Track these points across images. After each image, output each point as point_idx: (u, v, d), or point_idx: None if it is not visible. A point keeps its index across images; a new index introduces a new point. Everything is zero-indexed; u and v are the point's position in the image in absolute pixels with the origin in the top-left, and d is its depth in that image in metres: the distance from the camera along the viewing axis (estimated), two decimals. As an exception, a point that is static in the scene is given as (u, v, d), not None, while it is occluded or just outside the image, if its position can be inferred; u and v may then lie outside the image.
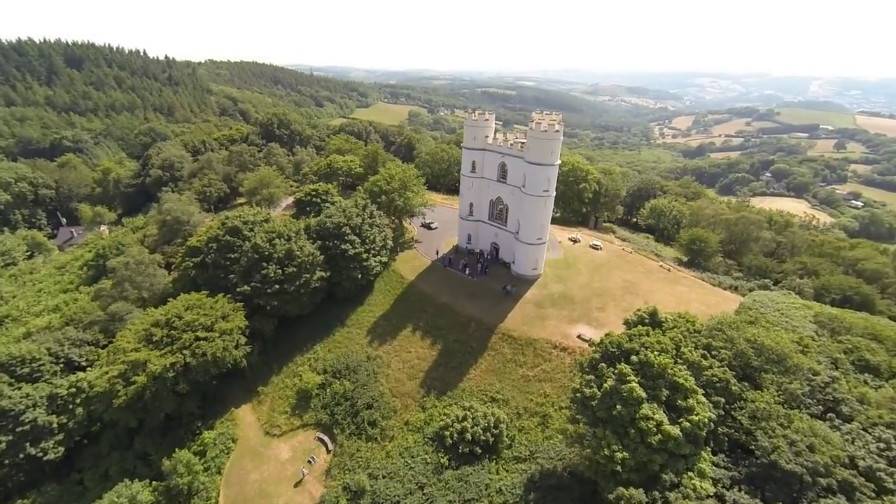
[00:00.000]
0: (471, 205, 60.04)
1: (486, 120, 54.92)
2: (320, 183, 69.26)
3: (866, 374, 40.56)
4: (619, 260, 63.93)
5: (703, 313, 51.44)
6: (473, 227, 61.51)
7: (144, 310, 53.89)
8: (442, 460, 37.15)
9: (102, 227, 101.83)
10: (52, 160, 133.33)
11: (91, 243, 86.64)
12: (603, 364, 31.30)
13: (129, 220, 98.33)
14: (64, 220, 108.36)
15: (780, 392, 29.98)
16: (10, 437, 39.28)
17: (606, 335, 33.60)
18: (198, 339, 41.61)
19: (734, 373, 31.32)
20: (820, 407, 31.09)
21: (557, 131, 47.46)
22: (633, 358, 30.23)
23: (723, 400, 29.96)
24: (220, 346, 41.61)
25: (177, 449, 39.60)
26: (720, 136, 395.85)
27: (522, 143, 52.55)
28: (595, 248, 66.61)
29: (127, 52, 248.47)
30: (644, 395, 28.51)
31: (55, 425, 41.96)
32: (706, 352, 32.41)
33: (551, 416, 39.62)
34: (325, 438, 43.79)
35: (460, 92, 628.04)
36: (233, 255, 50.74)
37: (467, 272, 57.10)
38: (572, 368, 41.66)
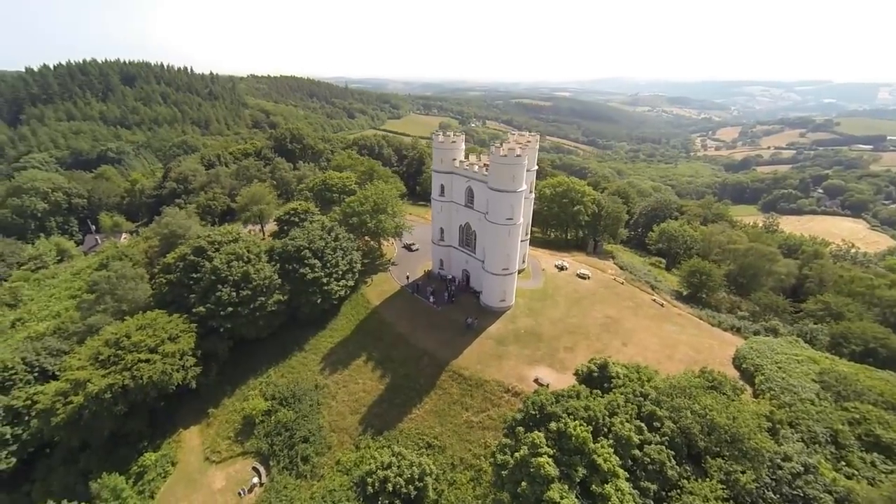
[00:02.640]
0: (441, 230, 57.60)
1: (454, 142, 52.51)
2: (300, 202, 69.14)
3: (874, 454, 33.89)
4: (606, 292, 58.82)
5: (689, 359, 46.07)
6: (445, 252, 58.90)
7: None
8: (360, 511, 34.53)
9: (124, 236, 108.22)
10: (94, 170, 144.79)
11: (106, 251, 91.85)
12: (521, 428, 27.63)
13: (144, 229, 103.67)
14: (93, 228, 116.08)
15: (727, 484, 24.89)
16: (-39, 447, 40.83)
17: (535, 393, 29.86)
18: (140, 360, 41.72)
19: (675, 452, 26.48)
20: (783, 504, 25.61)
21: (519, 156, 44.14)
22: (553, 425, 26.38)
23: (655, 487, 25.32)
24: (159, 368, 41.48)
25: (105, 472, 39.52)
26: (769, 148, 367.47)
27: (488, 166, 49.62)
28: (582, 277, 61.85)
29: (176, 69, 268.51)
30: (555, 472, 24.65)
31: (9, 436, 43.38)
32: (646, 423, 27.80)
33: (486, 472, 35.85)
34: (261, 469, 42.37)
35: (494, 103, 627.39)
36: (195, 275, 51.12)
37: (432, 300, 54.43)
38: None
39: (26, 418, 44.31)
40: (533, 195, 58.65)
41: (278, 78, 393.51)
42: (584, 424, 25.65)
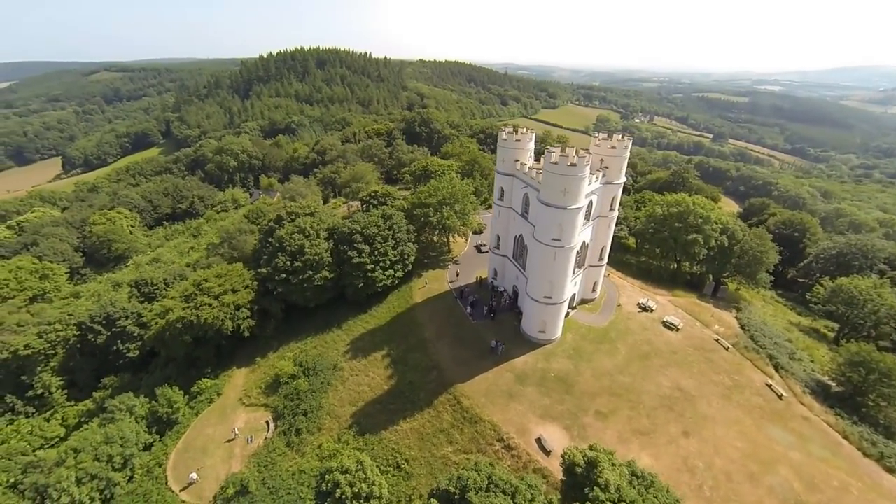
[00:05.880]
0: (498, 237, 51.68)
1: (518, 140, 45.38)
2: (382, 186, 71.47)
3: None
4: (694, 354, 44.54)
5: (787, 496, 31.23)
6: (500, 262, 52.94)
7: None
8: (309, 506, 34.44)
9: (277, 195, 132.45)
10: (274, 138, 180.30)
11: (254, 205, 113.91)
12: (435, 501, 22.53)
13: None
14: (259, 185, 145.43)
15: None
16: (108, 334, 56.15)
17: (474, 466, 23.85)
18: (204, 303, 49.83)
19: None
20: None
21: (573, 165, 35.14)
22: (465, 516, 20.59)
23: None
24: (214, 314, 48.81)
25: (169, 384, 49.06)
26: None
27: (549, 173, 41.35)
28: (669, 326, 48.21)
29: (356, 54, 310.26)
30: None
31: (136, 334, 57.89)
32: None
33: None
34: (272, 426, 46.45)
35: (670, 96, 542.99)
36: (270, 240, 58.04)
37: (469, 311, 49.84)
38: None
39: (147, 325, 58.25)
40: (615, 213, 47.24)
41: (442, 63, 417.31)
42: (496, 538, 19.09)
